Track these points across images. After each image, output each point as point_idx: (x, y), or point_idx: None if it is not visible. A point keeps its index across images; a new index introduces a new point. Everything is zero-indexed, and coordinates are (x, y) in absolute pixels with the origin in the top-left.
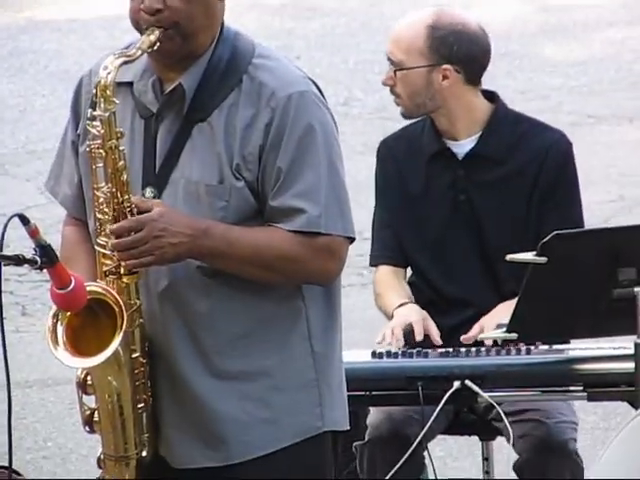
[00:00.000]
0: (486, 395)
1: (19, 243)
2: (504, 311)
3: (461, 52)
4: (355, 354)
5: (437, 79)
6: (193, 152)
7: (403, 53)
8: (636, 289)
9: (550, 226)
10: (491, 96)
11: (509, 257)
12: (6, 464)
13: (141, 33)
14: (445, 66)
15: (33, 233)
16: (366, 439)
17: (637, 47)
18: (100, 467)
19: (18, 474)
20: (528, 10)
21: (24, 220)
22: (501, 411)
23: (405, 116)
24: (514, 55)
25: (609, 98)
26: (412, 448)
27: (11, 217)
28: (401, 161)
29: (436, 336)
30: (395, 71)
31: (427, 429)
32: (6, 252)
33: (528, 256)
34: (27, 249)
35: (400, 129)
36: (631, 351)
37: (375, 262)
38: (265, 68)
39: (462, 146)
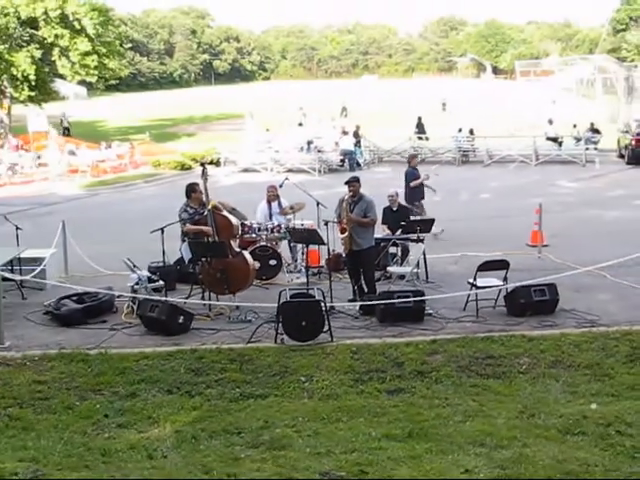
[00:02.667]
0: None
1: None
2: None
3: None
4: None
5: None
6: (356, 208)
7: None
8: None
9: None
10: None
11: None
12: None
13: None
14: None
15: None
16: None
17: None
18: (344, 251)
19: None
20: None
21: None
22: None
23: (394, 205)
24: None
25: None
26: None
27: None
28: (386, 211)
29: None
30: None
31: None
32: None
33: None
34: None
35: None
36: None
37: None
38: (364, 196)
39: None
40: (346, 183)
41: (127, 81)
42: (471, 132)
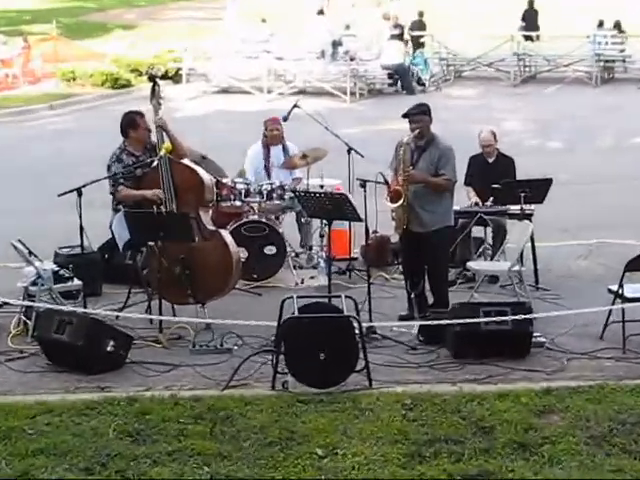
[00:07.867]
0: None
1: None
2: None
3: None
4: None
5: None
6: (422, 160)
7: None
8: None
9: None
10: None
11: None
12: None
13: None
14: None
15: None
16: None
17: None
18: (395, 232)
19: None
20: None
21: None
22: None
23: (491, 155)
24: None
25: None
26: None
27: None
28: (474, 164)
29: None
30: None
31: None
32: None
33: None
34: None
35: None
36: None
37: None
38: (438, 139)
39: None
40: (405, 116)
41: None
42: (618, 27)
